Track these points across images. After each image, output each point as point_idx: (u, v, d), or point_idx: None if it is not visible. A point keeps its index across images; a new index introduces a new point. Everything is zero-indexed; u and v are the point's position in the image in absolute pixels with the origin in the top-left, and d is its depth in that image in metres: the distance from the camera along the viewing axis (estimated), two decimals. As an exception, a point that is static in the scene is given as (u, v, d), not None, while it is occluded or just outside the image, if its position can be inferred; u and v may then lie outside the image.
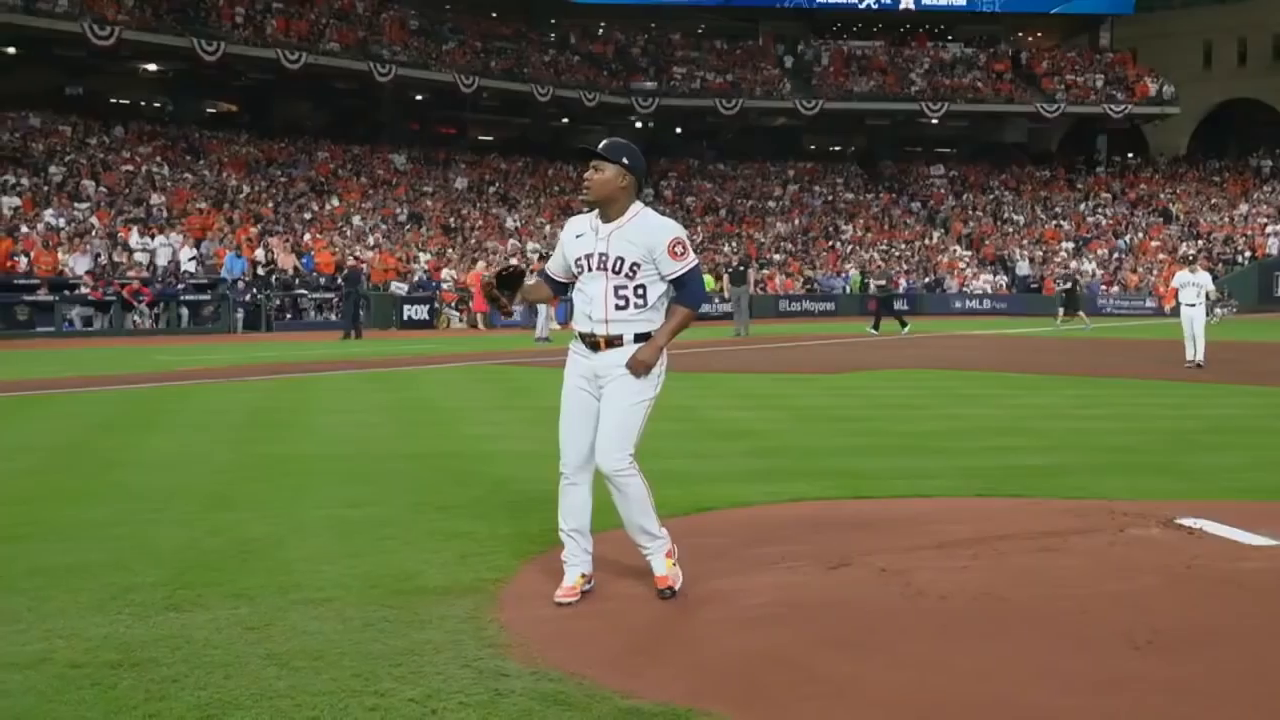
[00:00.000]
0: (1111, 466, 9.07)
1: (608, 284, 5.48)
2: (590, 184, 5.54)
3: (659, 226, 5.59)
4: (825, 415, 12.77)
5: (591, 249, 5.54)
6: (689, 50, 60.75)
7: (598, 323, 5.50)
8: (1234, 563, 5.53)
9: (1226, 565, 5.50)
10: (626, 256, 5.48)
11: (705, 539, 6.32)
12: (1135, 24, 64.44)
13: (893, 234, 55.91)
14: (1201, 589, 5.20)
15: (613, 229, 5.53)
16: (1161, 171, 63.47)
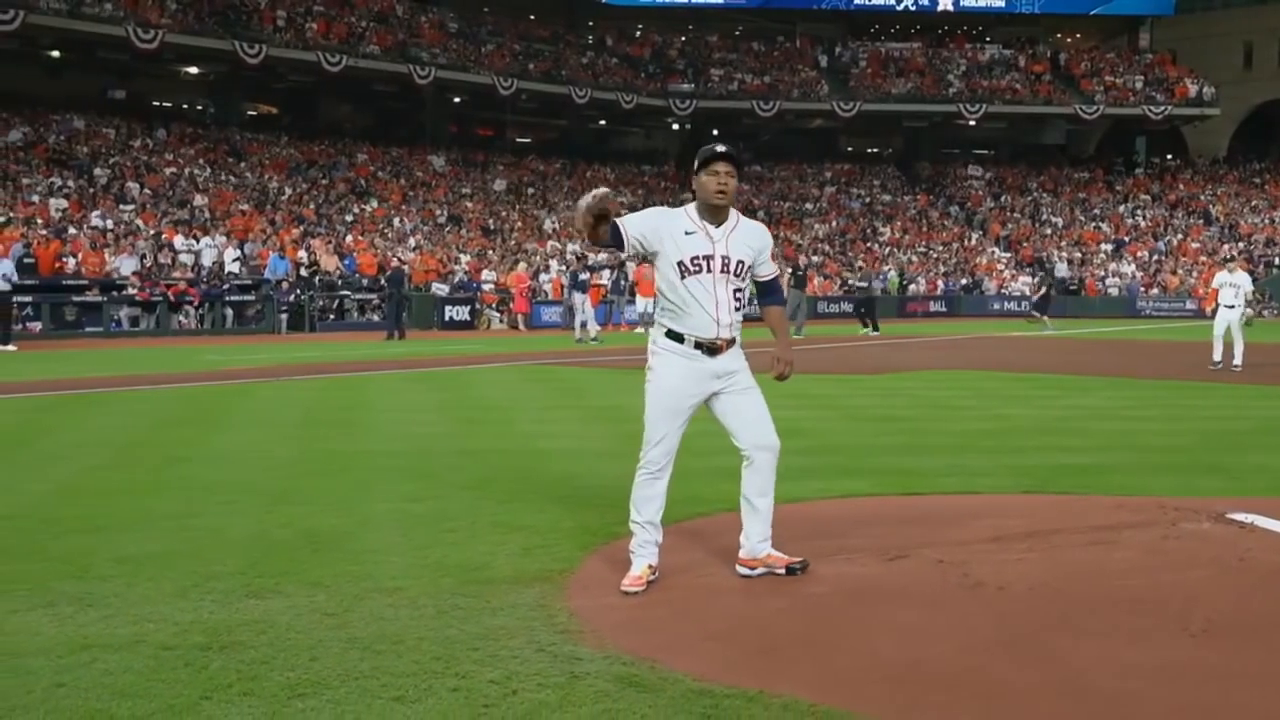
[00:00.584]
0: (1160, 466, 9.16)
1: (728, 287, 5.55)
2: (727, 187, 5.55)
3: (763, 230, 5.78)
4: (873, 415, 12.89)
5: (708, 250, 5.54)
6: (726, 52, 60.87)
7: (723, 326, 5.58)
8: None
9: (1277, 557, 5.63)
10: (745, 260, 5.59)
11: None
12: (1175, 25, 64.11)
13: (930, 235, 55.86)
14: (1254, 580, 5.32)
15: (727, 232, 5.59)
16: (1201, 173, 63.13)
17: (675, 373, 5.61)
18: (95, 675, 4.33)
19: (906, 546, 5.91)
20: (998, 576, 5.38)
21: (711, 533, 6.70)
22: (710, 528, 6.85)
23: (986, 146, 65.61)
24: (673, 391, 5.62)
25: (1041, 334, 32.28)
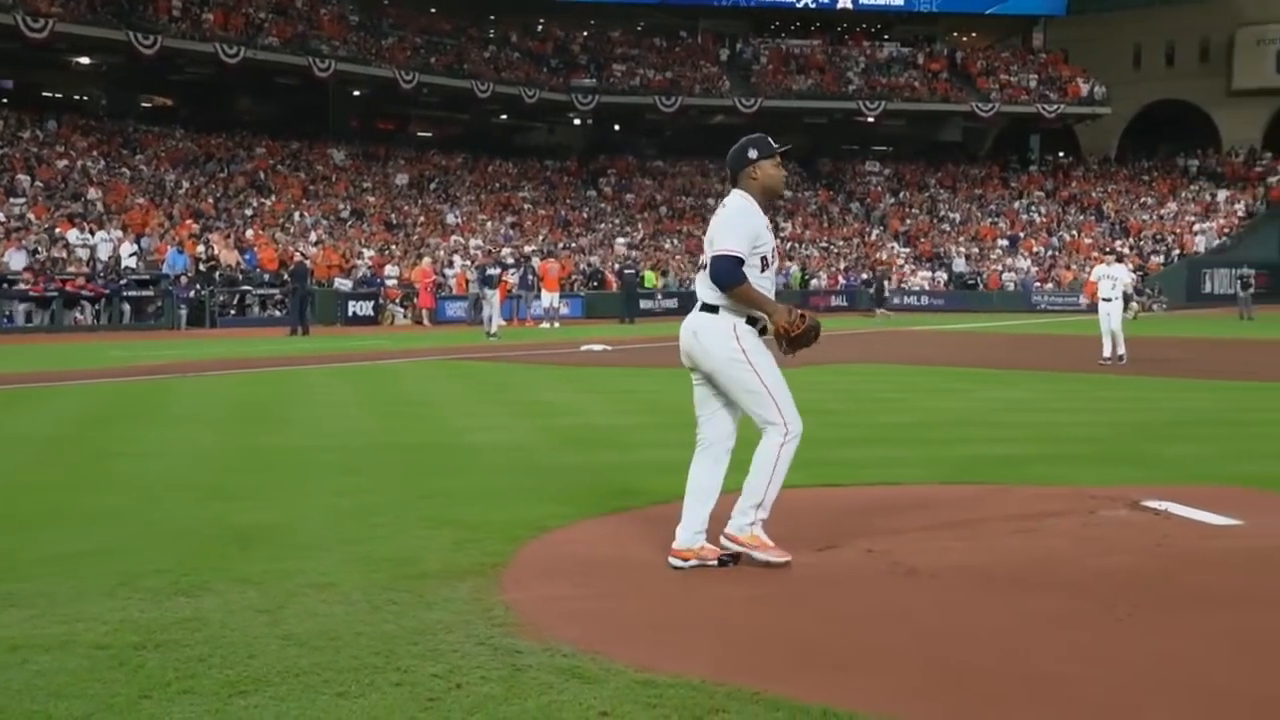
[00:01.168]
0: (1079, 456, 9.38)
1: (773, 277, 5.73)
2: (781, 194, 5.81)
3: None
4: (801, 409, 12.99)
5: (773, 244, 5.77)
6: (629, 47, 60.96)
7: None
8: (1202, 541, 5.86)
9: (1195, 544, 5.83)
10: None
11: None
12: (1067, 26, 65.52)
13: (831, 231, 56.46)
14: (1173, 565, 5.48)
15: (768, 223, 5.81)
16: (1093, 171, 64.61)
17: (763, 345, 5.69)
18: (27, 676, 4.23)
19: (836, 537, 5.99)
20: (929, 565, 5.48)
21: (645, 524, 6.72)
22: (644, 519, 6.87)
23: (886, 143, 66.47)
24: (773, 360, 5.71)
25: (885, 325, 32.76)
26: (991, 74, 62.38)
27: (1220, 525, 6.14)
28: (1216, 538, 5.94)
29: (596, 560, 5.85)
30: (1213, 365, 19.65)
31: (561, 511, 7.06)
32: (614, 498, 7.49)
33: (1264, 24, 64.52)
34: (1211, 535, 5.99)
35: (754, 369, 5.66)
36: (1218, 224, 56.85)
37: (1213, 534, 6.01)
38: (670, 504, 7.28)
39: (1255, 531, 6.06)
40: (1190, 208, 58.97)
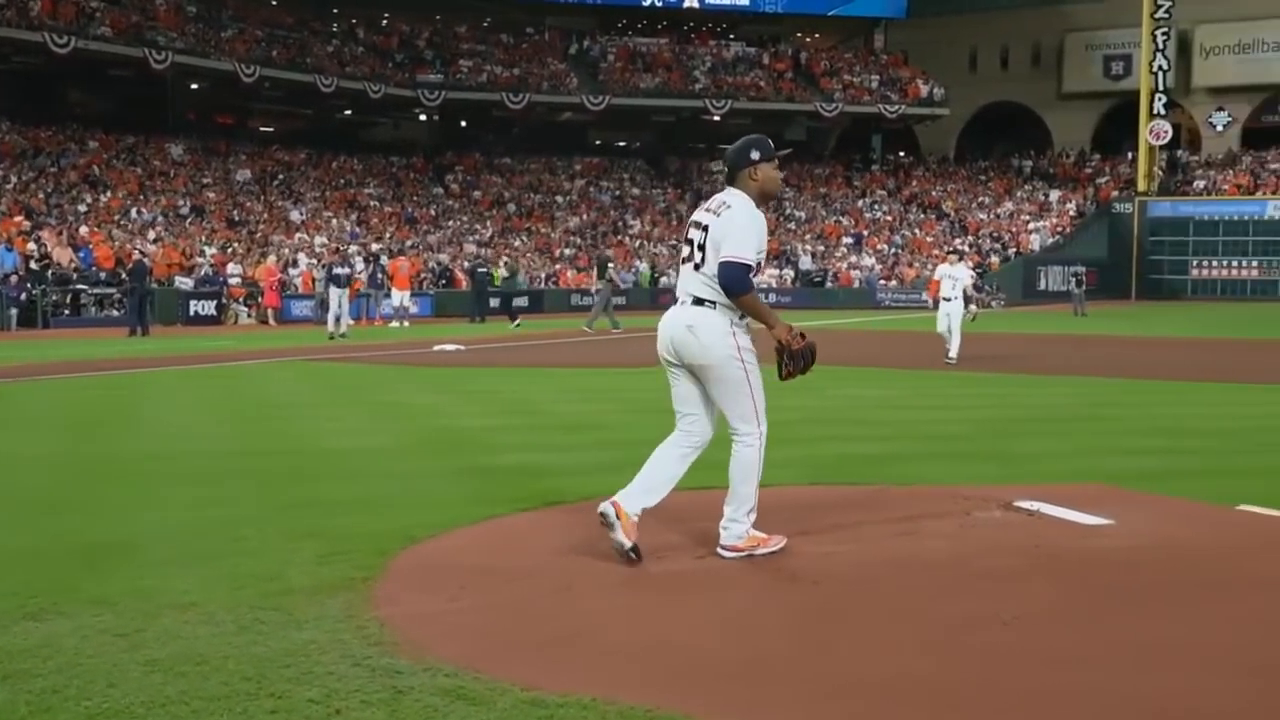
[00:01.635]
0: (942, 454, 9.49)
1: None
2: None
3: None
4: (659, 408, 12.89)
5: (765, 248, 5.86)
6: (475, 43, 60.43)
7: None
8: (1079, 541, 5.91)
9: (1073, 544, 5.87)
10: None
11: (574, 531, 6.37)
12: (906, 28, 66.92)
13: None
14: (1052, 567, 5.49)
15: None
16: (932, 170, 66.17)
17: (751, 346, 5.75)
18: None
19: (713, 542, 5.88)
20: (812, 570, 5.43)
21: (517, 531, 6.57)
22: (515, 526, 6.71)
23: (732, 141, 66.71)
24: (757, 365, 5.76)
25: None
26: (835, 75, 63.41)
27: (1093, 525, 6.21)
28: (1091, 538, 6.00)
29: (471, 570, 5.67)
30: (1055, 361, 20.20)
31: (430, 519, 6.85)
32: (483, 504, 7.31)
33: (1092, 30, 66.81)
34: (1086, 535, 6.05)
35: (746, 370, 5.72)
36: (1051, 223, 58.68)
37: (1086, 534, 6.06)
38: (541, 510, 7.15)
39: (1127, 530, 6.14)
40: (1025, 207, 60.77)
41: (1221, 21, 64.13)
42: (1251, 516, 6.71)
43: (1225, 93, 65.14)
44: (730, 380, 5.71)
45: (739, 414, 5.77)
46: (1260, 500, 7.32)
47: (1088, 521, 6.26)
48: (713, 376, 5.73)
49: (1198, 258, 58.33)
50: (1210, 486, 7.97)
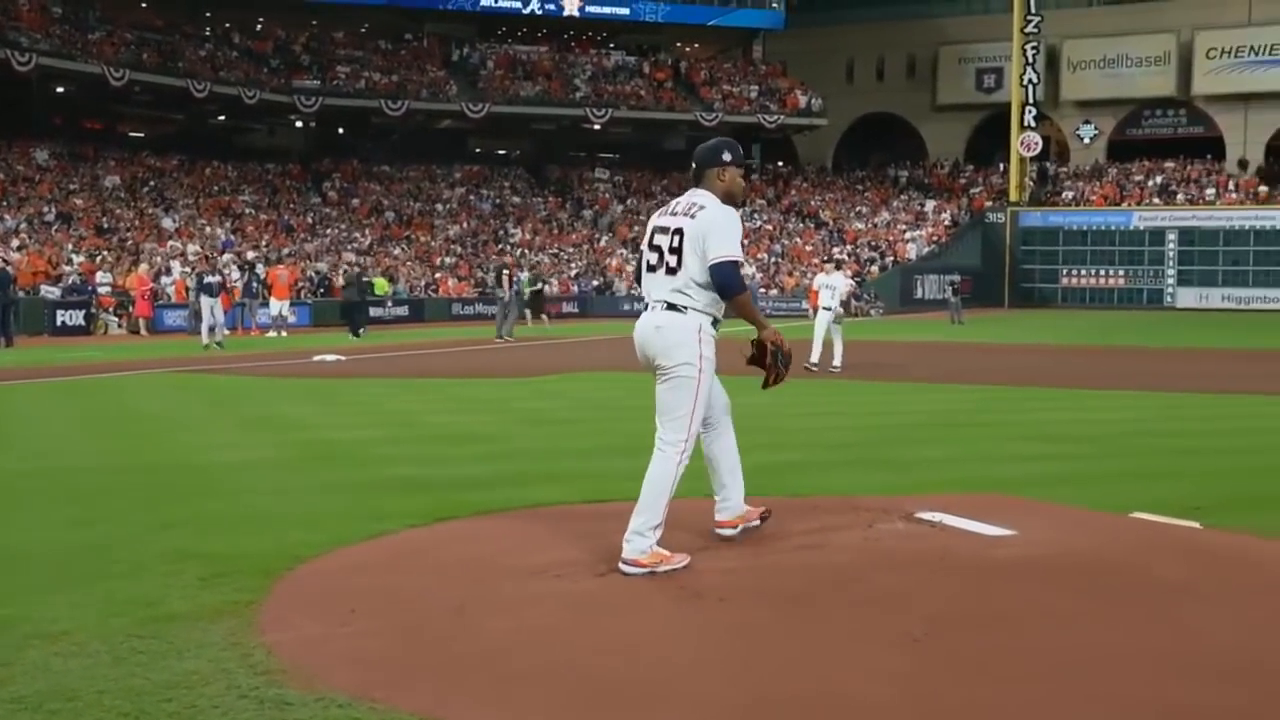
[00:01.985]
0: (836, 463, 9.45)
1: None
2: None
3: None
4: (544, 418, 12.78)
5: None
6: (353, 49, 59.60)
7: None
8: (984, 552, 5.83)
9: (978, 556, 5.79)
10: None
11: (466, 548, 6.17)
12: (785, 39, 67.57)
13: (561, 237, 56.58)
14: (959, 580, 5.41)
15: None
16: (811, 180, 66.89)
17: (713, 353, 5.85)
18: None
19: (615, 558, 5.70)
20: (716, 587, 5.27)
21: (406, 550, 6.33)
22: (404, 544, 6.48)
23: (613, 150, 67.10)
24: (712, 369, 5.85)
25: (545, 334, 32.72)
26: (714, 84, 63.78)
27: (996, 536, 6.15)
28: (996, 548, 5.94)
29: (362, 591, 5.44)
30: (935, 368, 20.42)
31: (316, 538, 6.58)
32: (370, 520, 7.06)
33: (965, 43, 68.14)
34: (990, 546, 5.98)
35: (697, 388, 5.72)
36: (927, 232, 59.65)
37: (991, 545, 6.00)
38: (432, 525, 6.93)
39: (1029, 540, 6.08)
40: (902, 216, 61.70)
41: (1088, 37, 65.90)
42: (1143, 524, 6.75)
43: (1092, 106, 66.89)
44: (681, 384, 5.71)
45: (674, 420, 5.74)
46: (1145, 506, 7.41)
47: (990, 532, 6.20)
48: (663, 380, 5.73)
49: (1067, 266, 59.72)
50: (1097, 493, 8.06)
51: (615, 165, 65.77)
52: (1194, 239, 58.57)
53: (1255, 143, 63.85)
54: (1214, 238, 58.25)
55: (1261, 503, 7.82)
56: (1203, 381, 18.15)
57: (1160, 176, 63.08)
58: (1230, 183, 61.57)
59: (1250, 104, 63.62)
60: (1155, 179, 62.94)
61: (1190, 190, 61.50)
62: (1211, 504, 7.65)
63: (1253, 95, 63.19)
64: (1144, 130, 66.96)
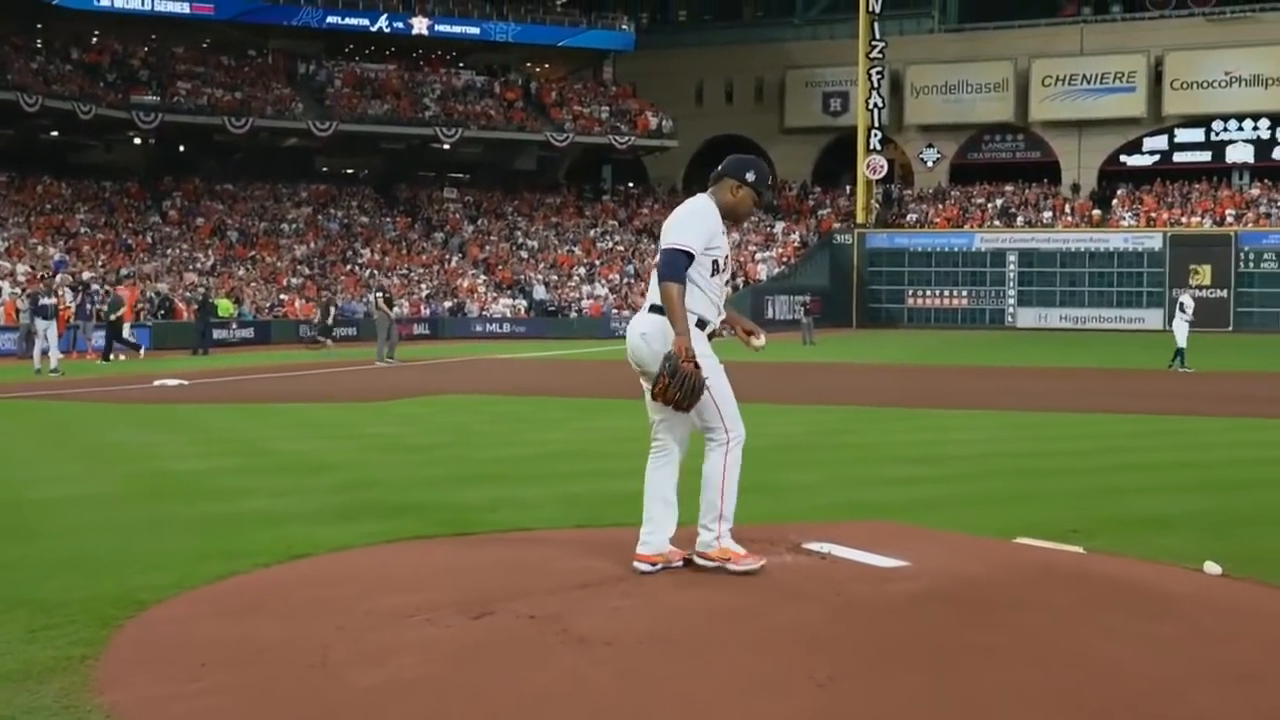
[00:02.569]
0: (702, 488, 9.17)
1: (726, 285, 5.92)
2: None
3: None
4: (398, 445, 12.28)
5: (727, 251, 5.96)
6: (194, 64, 57.98)
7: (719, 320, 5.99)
8: (880, 586, 5.52)
9: (874, 590, 5.48)
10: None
11: (325, 590, 5.72)
12: (635, 60, 67.77)
13: (411, 258, 55.71)
14: (860, 618, 5.11)
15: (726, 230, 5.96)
16: (662, 201, 67.02)
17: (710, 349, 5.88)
18: None
19: (489, 599, 5.31)
20: (601, 630, 4.89)
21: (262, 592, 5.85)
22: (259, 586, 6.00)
23: (463, 170, 66.47)
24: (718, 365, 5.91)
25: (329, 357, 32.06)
26: (565, 105, 63.60)
27: (889, 567, 5.87)
28: (891, 581, 5.65)
29: (212, 643, 4.96)
30: (790, 389, 20.37)
31: (159, 581, 6.06)
32: (221, 560, 6.55)
33: (811, 68, 69.16)
34: (885, 579, 5.70)
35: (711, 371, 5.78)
36: (777, 253, 60.25)
37: (886, 577, 5.72)
38: (286, 564, 6.48)
39: (924, 571, 5.83)
40: (752, 237, 62.20)
41: (930, 63, 67.41)
42: (1030, 550, 6.60)
43: (935, 130, 68.38)
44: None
45: (703, 420, 5.92)
46: (1025, 530, 7.31)
47: (883, 563, 5.93)
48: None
49: (913, 287, 60.82)
50: (972, 516, 7.95)
51: (466, 185, 65.14)
52: (1033, 260, 60.24)
53: (1088, 168, 65.96)
54: (1052, 259, 59.97)
55: (1134, 524, 7.79)
56: (1049, 400, 18.46)
57: (1000, 199, 64.75)
58: (1066, 206, 63.50)
59: (1084, 130, 65.73)
60: (996, 202, 64.59)
61: (1029, 213, 63.27)
62: (1088, 526, 7.59)
63: (1086, 122, 65.30)
64: (984, 154, 68.65)
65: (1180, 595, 5.55)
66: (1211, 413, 16.45)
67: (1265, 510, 8.45)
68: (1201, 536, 7.40)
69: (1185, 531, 7.56)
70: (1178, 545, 7.06)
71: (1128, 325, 57.59)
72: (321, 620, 5.18)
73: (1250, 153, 62.89)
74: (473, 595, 5.40)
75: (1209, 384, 22.27)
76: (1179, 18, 64.74)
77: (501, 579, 5.74)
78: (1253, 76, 62.80)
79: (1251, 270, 57.33)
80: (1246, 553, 6.80)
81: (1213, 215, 60.43)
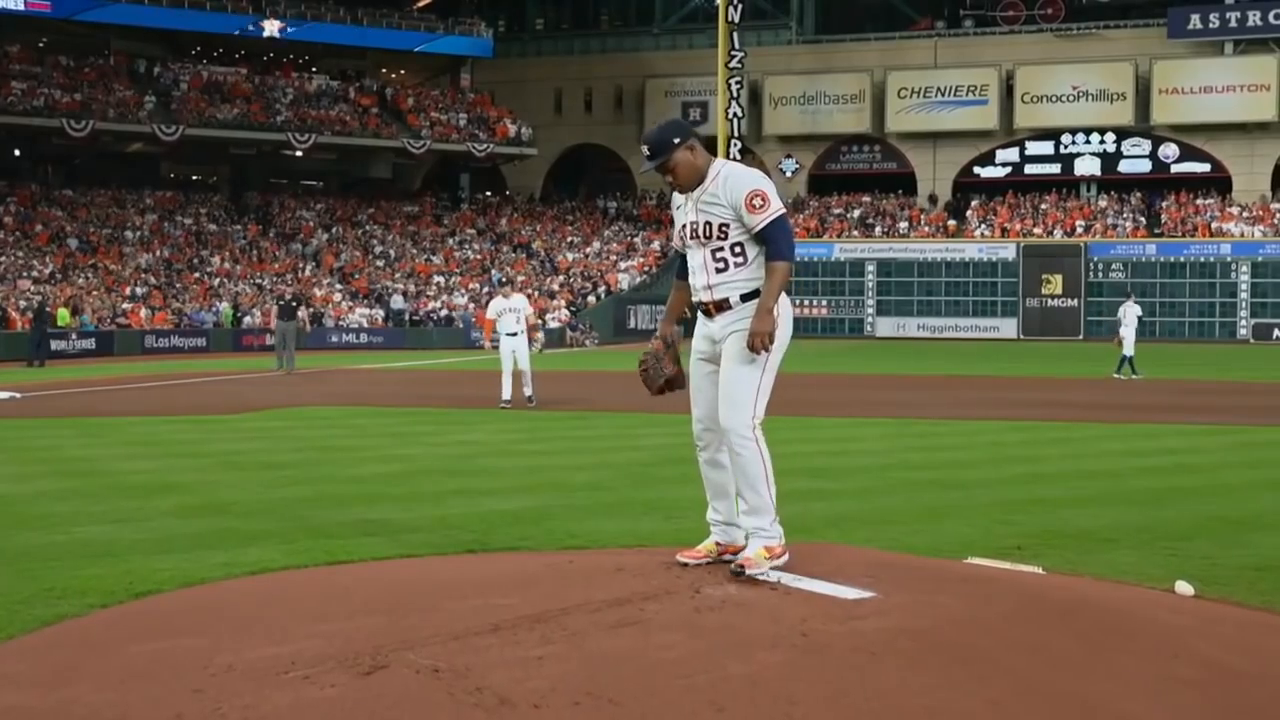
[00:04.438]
0: (593, 507, 8.33)
1: (704, 251, 5.51)
2: (676, 182, 5.57)
3: (737, 180, 5.47)
4: (253, 463, 11.14)
5: (684, 219, 5.60)
6: (30, 64, 55.27)
7: (703, 290, 5.56)
8: (847, 623, 4.62)
9: (842, 627, 4.59)
10: (713, 220, 5.46)
11: (176, 640, 4.70)
12: (493, 68, 66.78)
13: (264, 266, 53.80)
14: (833, 663, 4.21)
15: (698, 195, 5.51)
16: (520, 210, 66.10)
17: (693, 338, 5.75)
18: None
19: (380, 648, 4.32)
20: (525, 688, 3.91)
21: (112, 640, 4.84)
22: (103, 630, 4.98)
23: (317, 178, 64.64)
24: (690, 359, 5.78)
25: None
26: (422, 111, 62.21)
27: (854, 599, 4.97)
28: (858, 616, 4.73)
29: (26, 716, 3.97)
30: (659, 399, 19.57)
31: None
32: (42, 603, 5.49)
33: (671, 77, 68.77)
34: (850, 614, 4.77)
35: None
36: (638, 262, 59.68)
37: (850, 612, 4.79)
38: (124, 605, 5.47)
39: (893, 604, 4.95)
40: (612, 246, 61.57)
41: (788, 74, 67.58)
42: (991, 572, 5.87)
43: (793, 141, 68.55)
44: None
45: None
46: (956, 547, 6.69)
47: (844, 594, 5.05)
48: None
49: (774, 297, 60.79)
50: (902, 533, 7.31)
51: (319, 192, 63.32)
52: (891, 270, 60.76)
53: (943, 179, 66.77)
54: (909, 269, 60.58)
55: (1073, 539, 7.20)
56: (927, 409, 18.11)
57: (858, 210, 65.20)
58: (922, 217, 64.17)
59: (938, 142, 66.52)
60: (854, 212, 65.01)
61: (886, 223, 63.78)
62: (1027, 542, 6.98)
63: (940, 134, 66.09)
64: (842, 165, 69.05)
65: (1180, 628, 4.86)
66: (1082, 419, 16.20)
67: (1197, 522, 7.94)
68: (1148, 552, 6.83)
69: (1130, 547, 6.98)
70: (1131, 562, 6.46)
71: (983, 334, 58.42)
72: (171, 682, 4.12)
73: (1097, 165, 64.28)
74: (358, 644, 4.42)
75: (1075, 391, 22.19)
76: (1028, 33, 65.95)
77: (391, 621, 4.73)
78: (1099, 91, 64.23)
79: (1100, 280, 58.56)
80: (1203, 570, 6.22)
81: (1063, 226, 61.61)
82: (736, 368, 5.48)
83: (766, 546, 5.47)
